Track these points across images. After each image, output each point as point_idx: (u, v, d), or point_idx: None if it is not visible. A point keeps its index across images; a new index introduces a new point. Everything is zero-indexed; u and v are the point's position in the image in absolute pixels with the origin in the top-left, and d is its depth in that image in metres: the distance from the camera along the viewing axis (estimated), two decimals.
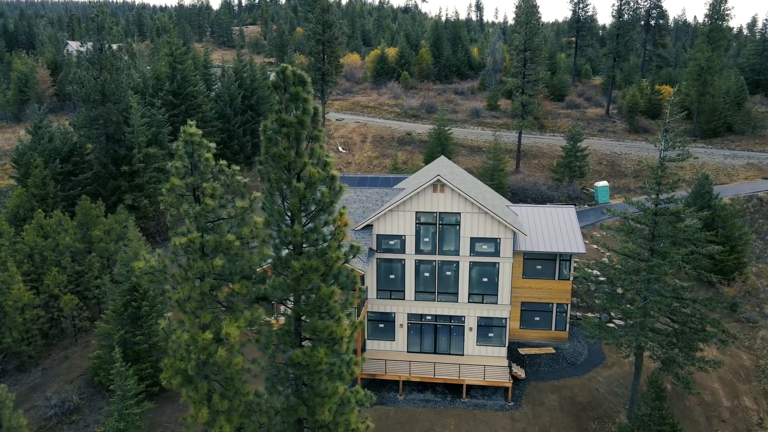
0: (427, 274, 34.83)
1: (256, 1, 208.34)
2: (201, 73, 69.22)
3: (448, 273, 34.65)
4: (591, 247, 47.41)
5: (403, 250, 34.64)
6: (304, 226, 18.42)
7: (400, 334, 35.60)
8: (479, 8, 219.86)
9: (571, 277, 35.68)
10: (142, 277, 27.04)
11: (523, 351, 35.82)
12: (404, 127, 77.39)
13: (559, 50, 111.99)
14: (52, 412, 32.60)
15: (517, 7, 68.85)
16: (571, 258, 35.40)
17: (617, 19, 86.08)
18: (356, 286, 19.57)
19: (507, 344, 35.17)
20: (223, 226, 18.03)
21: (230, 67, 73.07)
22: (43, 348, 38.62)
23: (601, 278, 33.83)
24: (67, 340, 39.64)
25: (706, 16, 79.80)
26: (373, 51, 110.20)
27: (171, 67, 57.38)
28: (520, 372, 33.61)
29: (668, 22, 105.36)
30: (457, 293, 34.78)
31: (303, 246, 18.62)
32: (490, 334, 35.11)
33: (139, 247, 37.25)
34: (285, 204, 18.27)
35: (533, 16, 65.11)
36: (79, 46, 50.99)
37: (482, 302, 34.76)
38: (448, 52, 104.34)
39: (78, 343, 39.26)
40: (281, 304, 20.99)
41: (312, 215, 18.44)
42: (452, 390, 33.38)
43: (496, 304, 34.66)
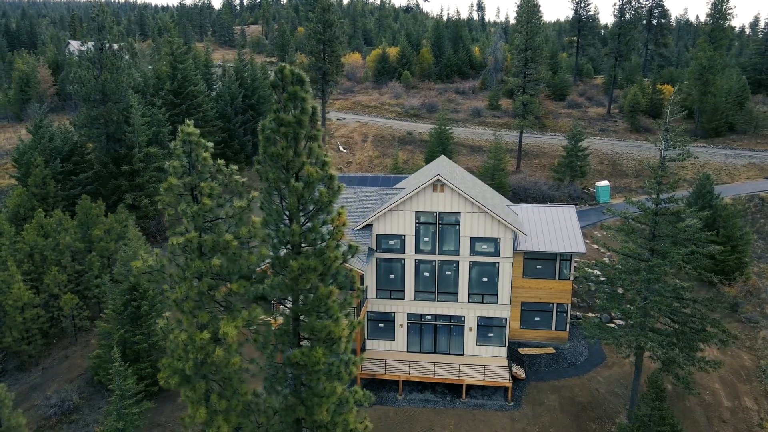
0: (426, 274, 34.78)
1: (258, 1, 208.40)
2: (202, 73, 69.23)
3: (448, 273, 34.60)
4: (592, 247, 47.33)
5: (402, 250, 34.58)
6: (303, 225, 18.37)
7: (400, 333, 35.56)
8: (481, 8, 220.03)
9: (572, 277, 35.59)
10: (140, 276, 27.00)
11: (523, 351, 35.75)
12: (405, 127, 77.31)
13: (560, 49, 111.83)
14: (52, 411, 32.62)
15: (519, 7, 68.74)
16: (572, 258, 35.32)
17: (619, 19, 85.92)
18: (355, 286, 19.53)
19: (507, 344, 35.11)
20: (221, 226, 18.00)
21: (231, 66, 73.06)
22: (43, 347, 38.65)
23: (601, 278, 33.74)
24: (67, 340, 39.66)
25: (708, 16, 79.61)
26: (374, 50, 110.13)
27: (171, 66, 57.38)
28: (520, 372, 33.55)
29: (670, 21, 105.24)
30: (457, 293, 34.72)
31: (301, 246, 18.57)
32: (490, 334, 35.05)
33: (139, 246, 37.24)
34: (283, 203, 18.23)
35: (534, 16, 64.97)
36: (80, 46, 51.01)
37: (482, 302, 34.70)
38: (450, 52, 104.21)
39: (78, 343, 39.28)
40: (280, 303, 20.97)
41: (310, 215, 18.39)
42: (452, 390, 33.32)
43: (496, 303, 34.59)
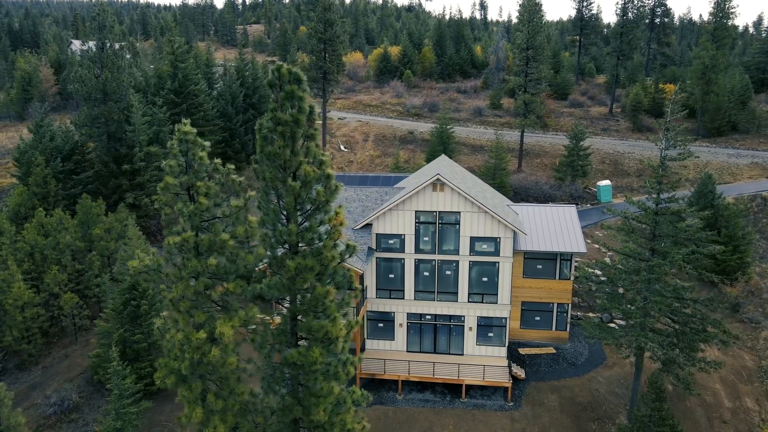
0: (426, 274, 34.70)
1: (260, 0, 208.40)
2: (203, 72, 69.22)
3: (448, 272, 34.51)
4: (593, 247, 47.18)
5: (402, 250, 34.51)
6: (300, 225, 18.33)
7: (400, 333, 35.48)
8: (483, 7, 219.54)
9: (572, 277, 35.47)
10: (137, 276, 26.99)
11: (524, 351, 35.64)
12: (406, 126, 77.21)
13: (563, 49, 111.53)
14: (52, 410, 32.63)
15: (521, 6, 68.56)
16: (572, 257, 35.20)
17: (621, 17, 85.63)
18: (353, 286, 19.46)
19: (507, 344, 35.00)
20: (218, 225, 17.95)
21: (232, 65, 73.03)
22: (43, 346, 38.68)
23: (602, 278, 33.60)
24: (68, 339, 39.68)
25: (711, 15, 79.29)
26: (375, 49, 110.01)
27: (172, 65, 57.38)
28: (519, 372, 33.44)
29: (673, 20, 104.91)
30: (457, 293, 34.63)
31: (299, 245, 18.52)
32: (490, 334, 34.96)
33: (139, 245, 37.24)
34: (280, 203, 18.18)
35: (536, 15, 64.80)
36: (81, 45, 51.05)
37: (482, 302, 34.60)
38: (451, 51, 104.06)
39: (78, 342, 39.30)
40: (278, 303, 20.92)
41: (307, 214, 18.34)
42: (451, 390, 33.24)
43: (496, 303, 34.49)
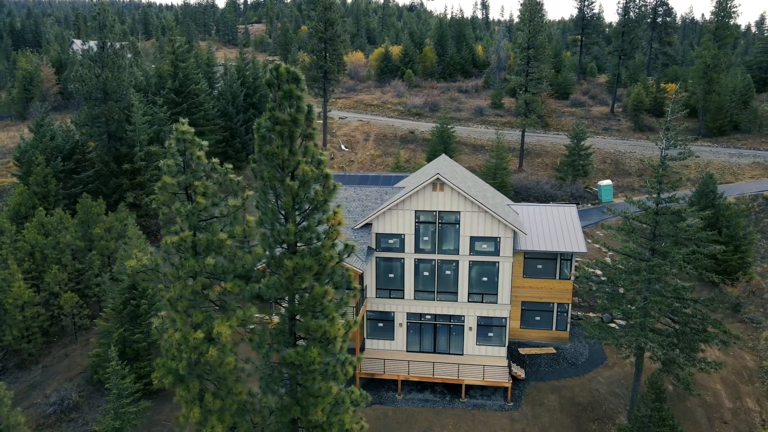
0: (426, 273, 34.64)
1: (261, 0, 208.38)
2: (203, 71, 69.20)
3: (448, 272, 34.44)
4: (593, 247, 47.08)
5: (402, 249, 34.45)
6: (298, 224, 18.28)
7: (400, 333, 35.43)
8: (485, 6, 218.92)
9: (572, 277, 35.38)
10: (134, 275, 26.95)
11: (524, 351, 35.56)
12: (407, 126, 77.13)
13: (564, 48, 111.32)
14: (51, 409, 32.64)
15: (522, 5, 68.40)
16: (572, 257, 35.11)
17: (623, 17, 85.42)
18: (351, 286, 19.41)
19: (507, 344, 34.93)
20: (216, 225, 17.91)
21: (233, 65, 73.02)
22: (43, 346, 38.70)
23: (602, 278, 33.52)
24: (68, 338, 39.70)
25: (713, 14, 79.08)
26: (377, 49, 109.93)
27: (173, 65, 57.36)
28: (519, 372, 33.37)
29: (675, 19, 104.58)
30: (457, 292, 34.56)
31: (297, 245, 18.48)
32: (490, 334, 34.89)
33: (139, 245, 37.24)
34: (279, 202, 18.14)
35: (537, 14, 64.67)
36: (81, 44, 51.09)
37: (482, 302, 34.53)
38: (453, 51, 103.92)
39: (78, 341, 39.32)
40: (277, 303, 20.87)
41: (306, 214, 18.29)
42: (451, 390, 33.18)
43: (496, 303, 34.42)
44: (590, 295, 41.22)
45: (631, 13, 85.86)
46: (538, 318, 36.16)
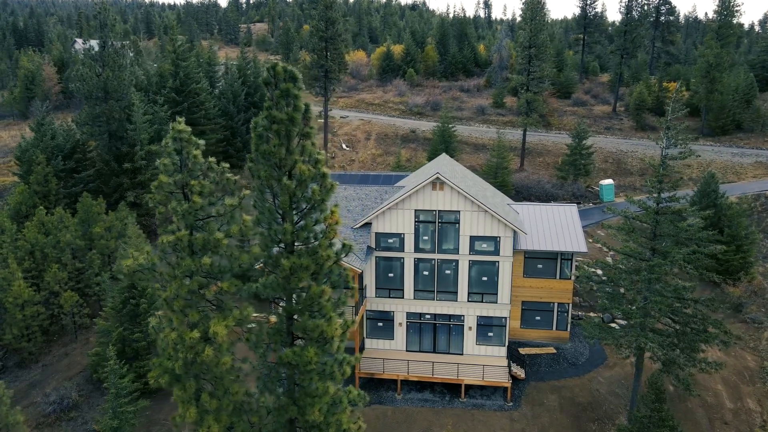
0: (426, 273, 34.54)
1: None
2: (204, 71, 69.19)
3: (448, 272, 34.35)
4: (594, 246, 46.93)
5: (402, 249, 34.36)
6: (296, 224, 18.20)
7: (399, 333, 35.35)
8: (487, 5, 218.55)
9: (573, 277, 35.25)
10: (131, 275, 26.93)
11: (524, 351, 35.45)
12: (409, 125, 77.04)
13: (567, 47, 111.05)
14: (51, 408, 32.68)
15: (524, 3, 68.22)
16: (573, 257, 34.98)
17: (625, 16, 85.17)
18: (349, 285, 19.33)
19: (507, 344, 34.83)
20: (213, 224, 17.84)
21: (234, 64, 73.01)
22: (43, 345, 38.74)
23: (603, 278, 33.39)
24: (68, 337, 39.73)
25: (716, 13, 78.87)
26: (378, 48, 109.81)
27: (174, 64, 57.34)
28: (519, 372, 33.27)
29: (678, 18, 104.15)
30: (457, 292, 34.47)
31: (294, 244, 18.40)
32: (490, 334, 34.79)
33: (139, 244, 37.22)
34: (276, 202, 18.07)
35: (539, 13, 64.51)
36: (82, 43, 51.14)
37: (482, 301, 34.43)
38: (454, 50, 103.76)
39: (78, 340, 39.35)
40: (274, 302, 20.83)
41: (303, 213, 18.22)
42: (451, 390, 33.10)
43: (496, 303, 34.32)
44: (591, 295, 41.08)
45: (634, 12, 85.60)
46: (538, 318, 36.05)
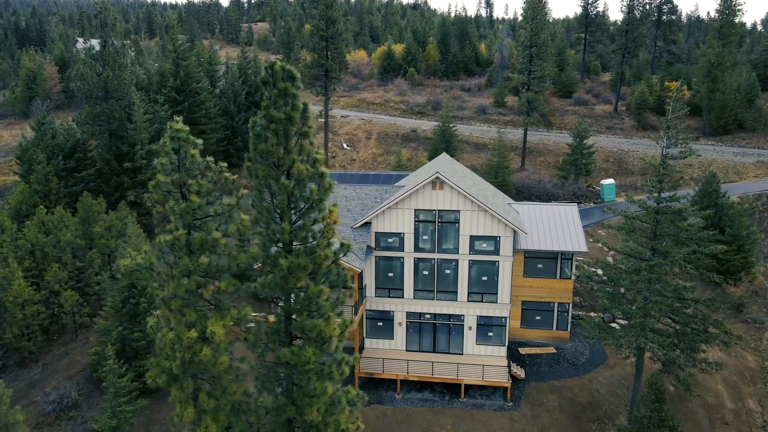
0: (426, 273, 34.48)
1: None
2: (205, 70, 69.19)
3: (448, 271, 34.28)
4: (595, 246, 46.82)
5: (402, 248, 34.30)
6: (294, 223, 18.16)
7: (399, 332, 35.30)
8: (489, 5, 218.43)
9: (573, 276, 35.16)
10: (128, 274, 26.91)
11: (524, 351, 35.38)
12: (409, 124, 76.97)
13: (569, 46, 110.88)
14: (51, 408, 32.68)
15: (525, 2, 68.12)
16: (573, 257, 34.89)
17: (627, 15, 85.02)
18: (347, 285, 19.28)
19: (507, 344, 34.75)
20: (210, 224, 17.81)
21: (234, 63, 72.99)
22: (43, 344, 38.75)
23: (603, 278, 33.30)
24: (68, 336, 39.75)
25: (718, 12, 78.73)
26: (380, 47, 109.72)
27: (174, 63, 57.35)
28: (519, 372, 33.20)
29: (680, 18, 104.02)
30: (457, 292, 34.40)
31: (292, 244, 18.37)
32: (490, 334, 34.72)
33: (139, 243, 37.21)
34: (274, 201, 18.03)
35: (540, 12, 64.38)
36: (83, 43, 51.20)
37: (482, 301, 34.36)
38: (456, 49, 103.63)
39: (78, 339, 39.36)
40: (273, 302, 20.76)
41: (301, 213, 18.18)
42: (451, 389, 33.04)
43: (496, 303, 34.24)
44: (591, 295, 40.99)
45: (636, 12, 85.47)
46: (538, 317, 35.97)
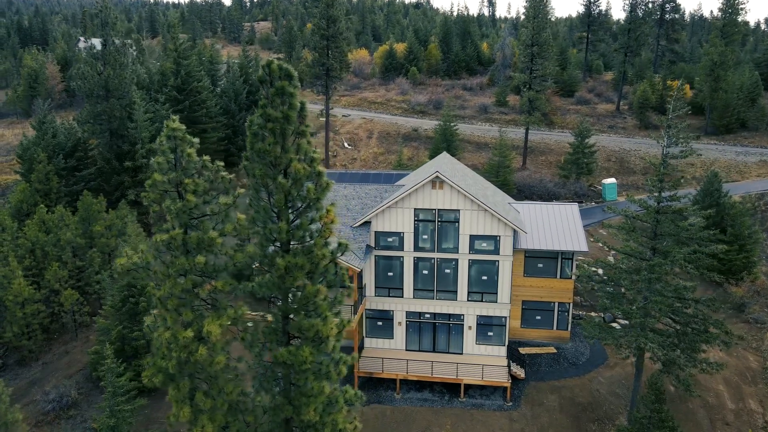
0: (425, 272, 34.40)
1: None
2: (206, 69, 69.18)
3: (447, 271, 34.19)
4: (595, 246, 46.67)
5: (401, 248, 34.23)
6: (291, 223, 18.10)
7: (399, 332, 35.23)
8: (491, 3, 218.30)
9: (573, 276, 35.03)
10: (125, 273, 26.88)
11: (524, 350, 35.28)
12: (411, 123, 76.87)
13: (571, 45, 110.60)
14: (50, 406, 32.69)
15: (527, 1, 67.92)
16: (574, 256, 34.77)
17: (630, 14, 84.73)
18: (345, 284, 19.21)
19: (506, 343, 34.66)
20: (207, 223, 17.75)
21: (235, 62, 72.97)
22: (43, 342, 38.78)
23: (603, 277, 33.17)
24: (68, 335, 39.77)
25: (720, 10, 78.39)
26: (381, 46, 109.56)
27: (175, 62, 57.34)
28: (519, 372, 33.10)
29: (684, 16, 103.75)
30: (456, 291, 34.31)
31: (290, 243, 18.31)
32: (490, 333, 34.63)
33: (138, 242, 37.19)
34: (271, 200, 17.97)
35: (541, 11, 64.21)
36: (84, 42, 51.24)
37: (482, 300, 34.26)
38: (458, 48, 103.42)
39: (78, 338, 39.38)
40: (272, 301, 20.71)
41: (299, 212, 18.12)
42: (450, 389, 32.96)
43: (496, 302, 34.15)
44: (592, 295, 40.86)
45: (638, 10, 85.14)
46: (538, 317, 35.86)
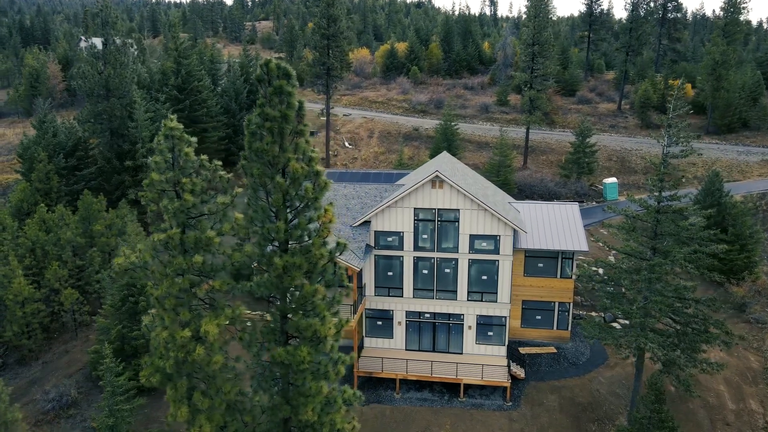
0: (425, 272, 34.34)
1: None
2: (207, 68, 69.17)
3: (447, 270, 34.13)
4: (596, 245, 46.57)
5: (401, 247, 34.17)
6: (289, 222, 18.06)
7: (398, 331, 35.19)
8: (493, 3, 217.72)
9: (574, 276, 34.95)
10: (122, 273, 26.86)
11: (524, 350, 35.21)
12: (412, 123, 76.79)
13: (573, 45, 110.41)
14: (50, 406, 32.71)
15: (528, 0, 67.82)
16: (574, 256, 34.69)
17: (631, 13, 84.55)
18: (344, 284, 19.17)
19: (506, 343, 34.59)
20: (205, 222, 17.72)
21: (236, 62, 72.96)
22: (43, 342, 38.81)
23: (604, 277, 33.08)
24: (68, 334, 39.79)
25: (722, 10, 78.21)
26: (382, 46, 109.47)
27: (176, 62, 57.33)
28: (519, 371, 33.04)
29: (686, 15, 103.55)
30: (456, 291, 34.25)
31: (288, 242, 18.27)
32: (490, 333, 34.56)
33: (138, 242, 37.18)
34: (269, 200, 17.94)
35: (542, 10, 64.09)
36: (85, 41, 51.26)
37: (481, 300, 34.20)
38: (459, 47, 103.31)
39: (78, 338, 39.40)
40: (269, 301, 20.71)
41: (297, 211, 18.08)
42: (450, 389, 32.91)
43: (496, 302, 34.08)
44: (592, 294, 40.77)
45: (640, 9, 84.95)
46: (539, 317, 35.78)
